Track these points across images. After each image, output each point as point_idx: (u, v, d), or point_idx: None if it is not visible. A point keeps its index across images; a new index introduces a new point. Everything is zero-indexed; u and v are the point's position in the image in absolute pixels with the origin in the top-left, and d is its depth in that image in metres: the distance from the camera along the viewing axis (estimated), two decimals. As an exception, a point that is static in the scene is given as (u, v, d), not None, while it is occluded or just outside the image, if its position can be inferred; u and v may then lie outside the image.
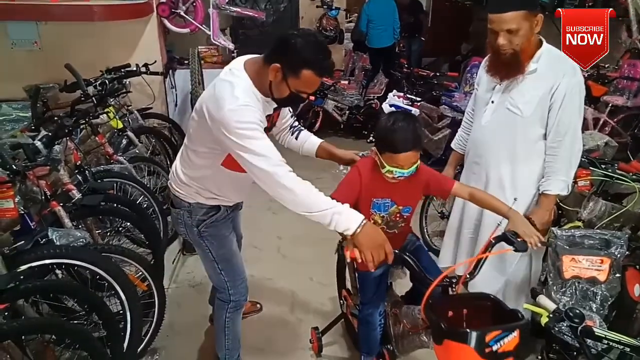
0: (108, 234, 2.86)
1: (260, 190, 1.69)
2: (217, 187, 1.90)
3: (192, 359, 2.46)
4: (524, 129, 2.02)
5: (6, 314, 1.66)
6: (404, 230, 1.95)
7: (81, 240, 2.07)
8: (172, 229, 3.37)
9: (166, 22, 4.24)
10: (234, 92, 1.63)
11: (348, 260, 1.60)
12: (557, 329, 1.66)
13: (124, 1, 3.67)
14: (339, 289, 2.53)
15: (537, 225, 2.02)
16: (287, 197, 1.61)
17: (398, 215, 1.87)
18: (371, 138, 3.93)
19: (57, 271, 2.09)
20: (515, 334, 1.38)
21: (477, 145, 2.22)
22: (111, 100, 3.36)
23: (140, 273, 2.32)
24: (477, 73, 4.03)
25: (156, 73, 3.98)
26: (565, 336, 1.75)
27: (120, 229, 2.90)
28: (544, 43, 1.97)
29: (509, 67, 1.97)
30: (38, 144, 2.22)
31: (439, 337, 1.45)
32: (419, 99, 3.97)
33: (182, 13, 4.25)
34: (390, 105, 3.82)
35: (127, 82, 3.67)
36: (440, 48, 8.29)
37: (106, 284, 2.14)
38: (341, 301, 2.52)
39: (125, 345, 2.13)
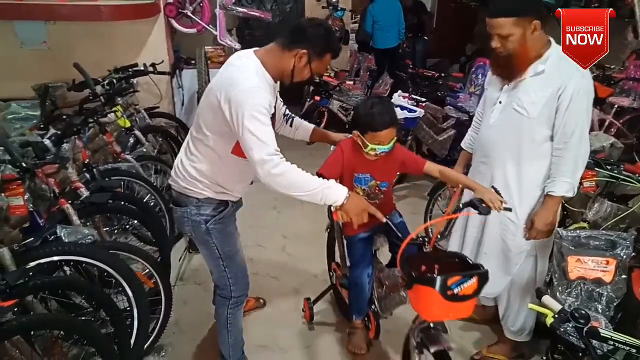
0: (115, 231, 2.89)
1: (264, 189, 1.76)
2: (226, 179, 1.94)
3: (198, 356, 2.47)
4: (530, 129, 2.02)
5: (15, 309, 1.67)
6: (385, 202, 2.16)
7: (89, 237, 2.10)
8: (178, 227, 3.40)
9: (173, 22, 4.26)
10: (247, 74, 1.75)
11: (338, 221, 1.83)
12: (562, 329, 1.66)
13: (131, 1, 3.70)
14: (329, 262, 2.75)
15: (538, 225, 2.04)
16: (281, 182, 1.72)
17: (377, 188, 2.11)
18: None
19: (65, 268, 2.12)
20: (474, 280, 1.59)
21: (484, 145, 2.23)
22: (119, 99, 3.38)
23: (147, 270, 2.34)
24: (482, 74, 4.09)
25: (163, 73, 4.01)
26: (571, 337, 1.75)
27: (127, 226, 2.92)
28: (553, 44, 1.96)
29: (505, 68, 2.04)
30: (47, 142, 2.25)
31: (411, 283, 1.65)
32: (423, 99, 3.97)
33: (189, 13, 4.27)
34: (396, 106, 3.81)
35: (135, 82, 3.70)
36: (445, 49, 8.27)
37: (113, 281, 2.16)
38: (330, 273, 2.75)
39: (132, 341, 2.15)
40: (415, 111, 3.82)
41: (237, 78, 1.74)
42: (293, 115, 2.25)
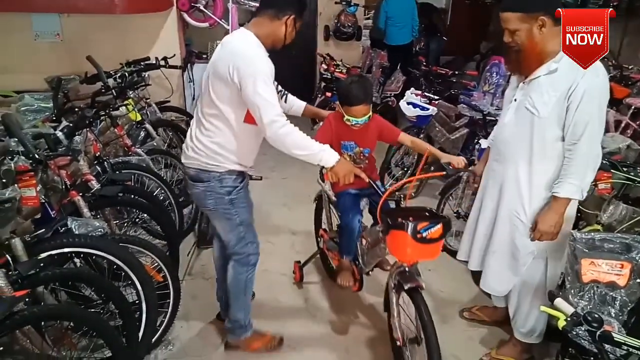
0: (125, 224, 2.91)
1: (275, 186, 1.78)
2: (241, 149, 2.09)
3: (206, 350, 2.48)
4: (541, 129, 1.99)
5: (27, 300, 1.69)
6: (369, 168, 2.44)
7: (99, 230, 2.11)
8: (187, 222, 3.42)
9: (186, 16, 4.27)
10: (250, 45, 1.97)
11: (328, 180, 2.13)
12: (574, 333, 1.63)
13: (145, -5, 3.71)
14: (316, 229, 3.03)
15: (542, 227, 2.00)
16: (286, 142, 1.93)
17: (361, 154, 2.39)
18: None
19: (76, 260, 2.13)
20: (439, 226, 1.92)
21: (498, 143, 2.21)
22: (130, 92, 3.40)
23: (156, 264, 2.34)
24: (496, 72, 4.04)
25: (175, 67, 4.02)
26: (583, 340, 1.72)
27: (137, 220, 2.94)
28: None
29: (515, 64, 2.06)
30: (59, 134, 2.26)
31: (387, 229, 2.00)
32: (436, 97, 3.93)
33: (201, 7, 4.27)
34: (408, 104, 3.79)
35: (147, 75, 3.71)
36: (459, 46, 8.21)
37: (123, 274, 2.17)
38: (318, 239, 3.00)
39: (140, 334, 2.16)
40: (428, 109, 3.78)
41: (242, 49, 1.95)
42: (287, 92, 2.42)
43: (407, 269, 2.09)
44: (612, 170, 2.42)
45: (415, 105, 3.78)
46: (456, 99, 4.21)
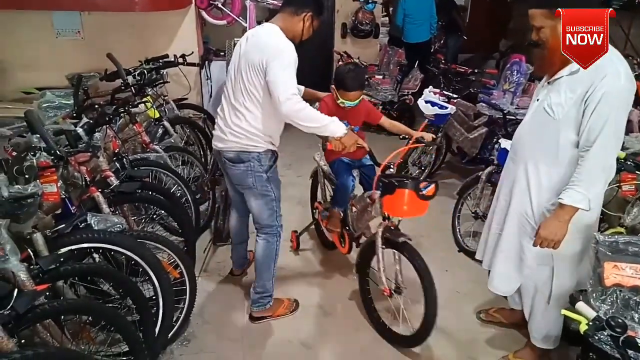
0: (142, 220, 2.93)
1: (291, 184, 1.82)
2: (273, 130, 2.36)
3: (221, 347, 2.49)
4: (555, 131, 1.93)
5: (47, 294, 1.71)
6: None
7: (118, 226, 2.13)
8: (203, 219, 3.44)
9: (204, 13, 4.29)
10: (278, 36, 2.22)
11: (334, 149, 2.35)
12: (596, 337, 1.60)
13: (163, -8, 3.73)
14: (312, 202, 3.36)
15: (542, 232, 1.94)
16: (301, 116, 2.15)
17: (351, 131, 2.51)
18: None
19: (95, 255, 2.15)
20: (433, 186, 2.28)
21: (514, 142, 2.19)
22: (149, 90, 3.42)
23: (173, 260, 2.36)
24: (517, 70, 3.97)
25: (193, 64, 4.04)
26: (605, 346, 1.68)
27: (154, 216, 2.97)
28: None
29: (540, 62, 2.02)
30: (80, 130, 2.29)
31: (392, 189, 2.26)
32: (455, 96, 3.88)
33: (219, 5, 4.29)
34: (426, 102, 3.75)
35: (165, 73, 3.74)
36: (478, 44, 8.10)
37: (140, 270, 2.19)
38: (313, 210, 3.35)
39: (157, 330, 2.18)
40: (446, 108, 3.74)
41: (271, 39, 2.21)
42: None
43: (392, 228, 2.43)
44: (636, 172, 2.36)
45: (433, 104, 3.74)
46: (475, 98, 4.15)
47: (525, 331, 2.43)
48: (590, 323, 1.50)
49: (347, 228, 2.85)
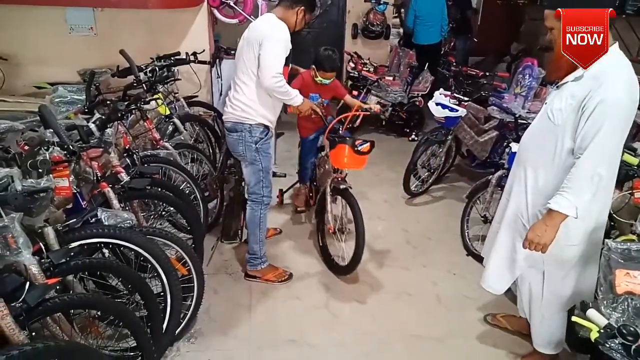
0: (151, 217, 2.94)
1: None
2: (267, 107, 2.68)
3: (228, 344, 2.49)
4: (554, 136, 1.92)
5: (57, 287, 1.72)
6: (327, 111, 3.29)
7: (128, 221, 2.13)
8: (211, 217, 3.45)
9: (216, 12, 4.29)
10: (276, 21, 2.58)
11: (291, 112, 2.90)
12: (607, 345, 1.58)
13: (176, -10, 3.75)
14: (299, 167, 3.78)
15: (529, 235, 1.95)
16: (279, 90, 2.58)
17: (322, 104, 3.14)
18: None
19: (104, 250, 2.16)
20: (368, 144, 2.79)
21: (520, 145, 2.20)
22: (160, 87, 3.43)
23: (181, 257, 2.37)
24: (529, 74, 3.94)
25: (204, 62, 4.05)
26: (616, 354, 1.66)
27: (163, 213, 2.97)
28: (611, 50, 1.80)
29: (549, 65, 2.03)
30: (92, 126, 2.30)
31: (335, 143, 2.84)
32: (466, 98, 3.86)
33: (231, 3, 4.29)
34: (437, 104, 3.73)
35: (176, 70, 3.74)
36: (489, 47, 8.06)
37: (149, 266, 2.20)
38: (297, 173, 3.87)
39: (164, 326, 2.19)
40: (456, 110, 3.72)
41: (268, 23, 2.58)
42: None
43: (339, 178, 3.00)
44: (649, 179, 2.33)
45: (444, 106, 3.72)
46: (485, 101, 4.13)
47: (529, 339, 2.42)
48: (602, 331, 1.49)
49: (314, 184, 3.55)
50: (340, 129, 3.00)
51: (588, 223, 1.98)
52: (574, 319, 1.61)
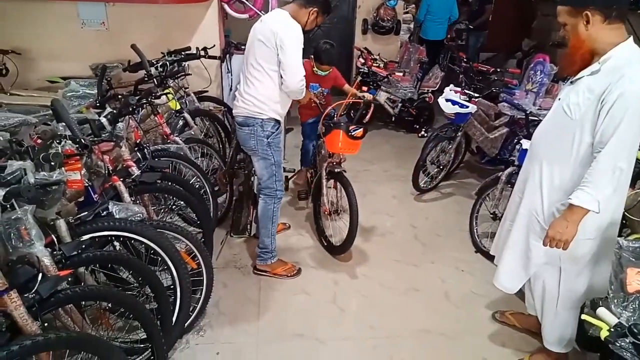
0: (161, 210, 2.97)
1: None
2: (278, 101, 2.68)
3: (236, 338, 2.52)
4: (572, 131, 1.90)
5: (69, 279, 1.75)
6: (327, 101, 3.43)
7: (139, 215, 2.16)
8: (221, 211, 3.47)
9: (226, 7, 4.29)
10: (290, 21, 2.56)
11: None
12: (617, 344, 1.57)
13: (187, -15, 3.75)
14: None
15: (550, 232, 1.92)
16: (299, 93, 2.66)
17: (321, 93, 3.37)
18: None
19: (115, 243, 2.18)
20: (362, 129, 2.89)
21: (533, 140, 2.17)
22: (170, 81, 3.45)
23: (191, 251, 2.39)
24: (541, 70, 3.89)
25: (214, 57, 4.05)
26: (626, 353, 1.65)
27: (173, 207, 3.00)
28: (625, 45, 1.80)
29: (562, 60, 2.02)
30: (104, 120, 2.31)
31: (330, 129, 2.94)
32: (476, 95, 3.83)
33: (242, -1, 4.29)
34: (447, 100, 3.70)
35: (186, 65, 3.76)
36: (500, 43, 7.98)
37: (159, 259, 2.22)
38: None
39: (174, 319, 2.21)
40: (467, 107, 3.69)
41: (283, 21, 2.55)
42: None
43: (334, 162, 3.12)
44: (663, 177, 2.31)
45: (454, 102, 3.70)
46: (496, 97, 4.09)
47: (540, 337, 2.41)
48: (612, 329, 1.47)
49: (315, 169, 3.66)
50: (335, 115, 3.13)
51: (604, 217, 1.95)
52: (583, 317, 1.59)
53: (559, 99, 2.02)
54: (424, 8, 6.32)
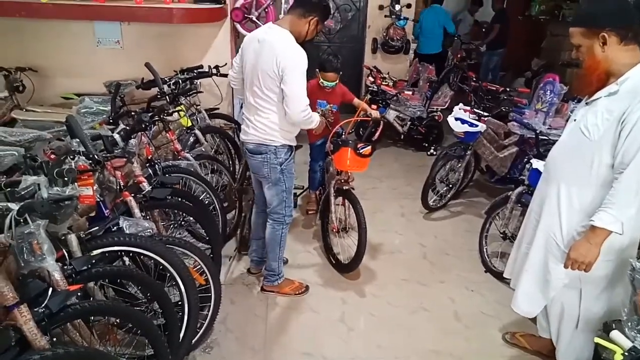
0: (171, 226, 2.98)
1: None
2: (289, 128, 2.58)
3: (243, 356, 2.50)
4: (590, 153, 1.89)
5: (79, 294, 1.75)
6: (335, 119, 3.23)
7: (149, 230, 2.17)
8: (230, 228, 3.47)
9: (238, 26, 4.37)
10: (289, 42, 2.42)
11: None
12: (631, 369, 1.53)
13: (201, 5, 3.83)
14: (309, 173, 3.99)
15: (572, 254, 1.90)
16: (306, 122, 2.54)
17: (330, 111, 3.18)
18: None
19: (125, 258, 2.20)
20: (369, 147, 2.90)
21: (548, 162, 2.16)
22: (182, 99, 3.50)
23: (199, 267, 2.39)
24: (550, 90, 3.89)
25: (225, 75, 4.09)
26: (640, 378, 1.61)
27: (182, 222, 3.01)
28: (639, 65, 1.81)
29: (578, 81, 2.03)
30: (116, 136, 2.35)
31: (338, 146, 2.95)
32: (486, 114, 3.83)
33: (254, 18, 4.36)
34: (456, 119, 3.71)
35: (199, 83, 3.82)
36: (509, 63, 8.03)
37: (168, 275, 2.22)
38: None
39: (181, 335, 2.20)
40: (476, 126, 3.70)
41: (284, 46, 2.40)
42: None
43: (342, 180, 3.13)
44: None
45: (463, 121, 3.71)
46: (505, 116, 4.09)
47: (552, 359, 2.36)
48: (626, 353, 1.45)
49: (322, 189, 3.78)
50: (344, 133, 3.11)
51: (624, 238, 1.93)
52: (596, 340, 1.57)
53: (575, 120, 2.01)
54: (418, 25, 6.72)
